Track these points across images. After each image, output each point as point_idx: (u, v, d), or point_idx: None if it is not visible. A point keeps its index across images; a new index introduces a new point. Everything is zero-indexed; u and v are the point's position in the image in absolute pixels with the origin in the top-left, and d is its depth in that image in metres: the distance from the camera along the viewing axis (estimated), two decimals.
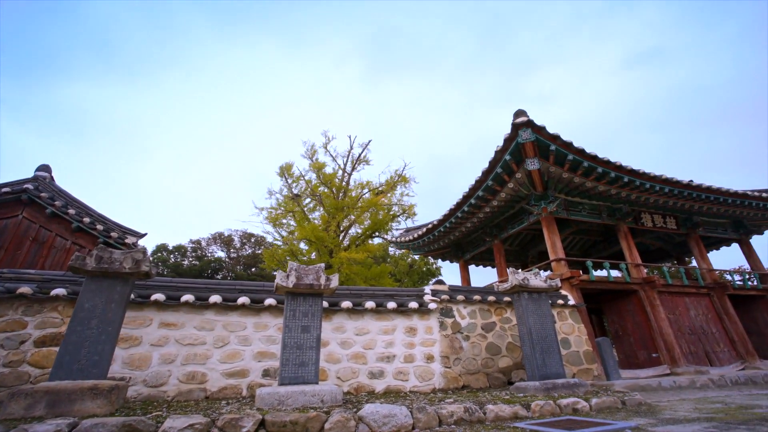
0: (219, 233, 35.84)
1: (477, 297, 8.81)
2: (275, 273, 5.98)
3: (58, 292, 6.02)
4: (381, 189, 21.10)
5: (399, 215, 20.95)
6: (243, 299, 6.89)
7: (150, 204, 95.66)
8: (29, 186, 9.70)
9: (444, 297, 8.48)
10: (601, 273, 11.26)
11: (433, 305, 8.27)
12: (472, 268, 18.07)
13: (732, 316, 12.23)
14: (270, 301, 7.05)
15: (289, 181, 20.99)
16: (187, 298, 6.58)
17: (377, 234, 20.90)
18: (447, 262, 18.59)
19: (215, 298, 6.74)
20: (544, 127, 9.60)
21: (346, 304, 7.50)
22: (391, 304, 7.86)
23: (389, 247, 24.96)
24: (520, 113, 9.71)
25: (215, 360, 6.42)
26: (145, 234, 11.95)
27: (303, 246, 19.58)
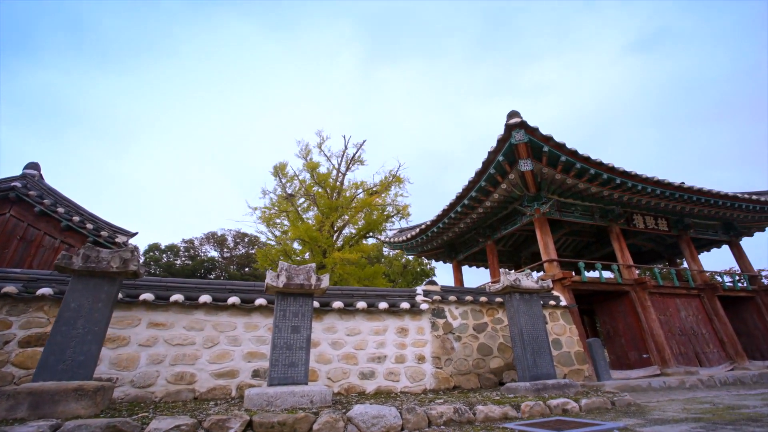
0: (212, 233, 35.67)
1: (469, 297, 8.82)
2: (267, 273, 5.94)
3: (44, 291, 5.93)
4: (375, 189, 21.09)
5: (393, 215, 20.96)
6: (233, 299, 6.84)
7: (143, 204, 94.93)
8: (17, 184, 9.57)
9: (436, 297, 8.47)
10: (593, 274, 11.35)
11: (424, 306, 8.26)
12: (465, 268, 18.12)
13: (722, 317, 12.35)
14: (260, 301, 7.00)
15: (283, 180, 20.93)
16: (177, 297, 6.51)
17: (371, 234, 20.89)
18: (440, 262, 18.59)
19: (205, 298, 6.68)
20: (537, 128, 9.63)
21: (338, 304, 7.47)
22: (382, 305, 7.84)
23: (383, 248, 24.96)
24: (513, 114, 9.73)
25: (204, 360, 6.36)
26: (136, 233, 11.83)
27: (296, 246, 19.52)
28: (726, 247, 15.81)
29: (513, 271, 7.78)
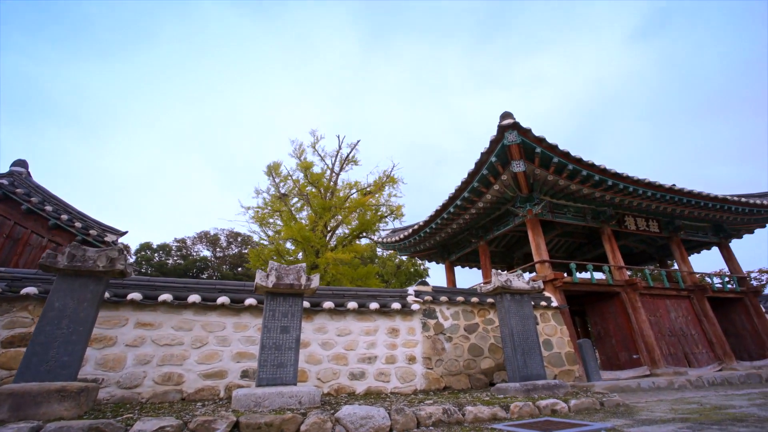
0: (205, 232, 35.39)
1: (460, 298, 8.82)
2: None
3: (29, 290, 5.83)
4: (369, 189, 21.08)
5: (387, 216, 20.96)
6: (223, 299, 6.78)
7: (136, 203, 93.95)
8: (4, 181, 9.40)
9: (427, 298, 8.46)
10: (585, 275, 11.39)
11: (416, 306, 8.25)
12: (458, 269, 18.14)
13: (711, 318, 12.48)
14: (250, 301, 6.94)
15: (277, 180, 20.85)
16: (165, 297, 6.44)
17: (365, 234, 20.86)
18: (433, 263, 18.62)
19: (194, 298, 6.61)
20: (530, 130, 9.66)
21: (328, 304, 7.43)
22: (373, 305, 7.81)
23: (377, 248, 24.93)
24: (506, 115, 9.75)
25: (193, 361, 6.29)
26: (125, 232, 11.71)
27: (289, 246, 19.44)
28: (716, 249, 16.00)
29: (505, 272, 7.79)
